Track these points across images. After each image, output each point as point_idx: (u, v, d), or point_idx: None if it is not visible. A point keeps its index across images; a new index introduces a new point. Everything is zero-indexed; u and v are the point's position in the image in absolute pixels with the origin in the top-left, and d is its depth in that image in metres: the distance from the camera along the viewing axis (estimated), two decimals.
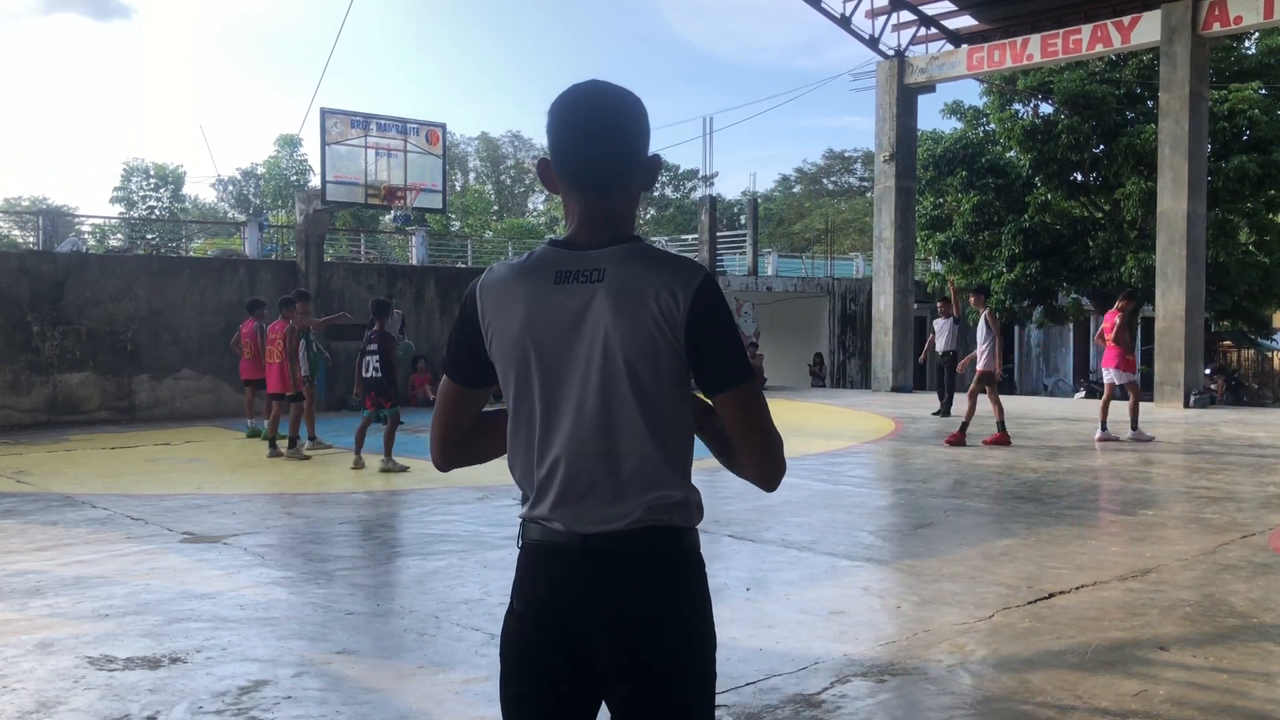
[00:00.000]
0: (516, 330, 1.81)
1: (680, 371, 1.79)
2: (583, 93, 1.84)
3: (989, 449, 11.58)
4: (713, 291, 1.78)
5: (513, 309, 1.81)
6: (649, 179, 1.89)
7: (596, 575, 1.78)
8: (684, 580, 1.82)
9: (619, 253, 1.79)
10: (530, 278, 1.82)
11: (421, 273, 19.56)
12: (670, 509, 1.80)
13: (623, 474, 1.78)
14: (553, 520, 1.81)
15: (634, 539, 1.78)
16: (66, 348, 14.89)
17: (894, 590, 5.67)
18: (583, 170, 1.83)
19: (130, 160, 48.99)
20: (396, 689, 4.10)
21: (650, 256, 1.80)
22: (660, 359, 1.76)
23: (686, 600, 1.82)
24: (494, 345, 1.84)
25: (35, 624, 4.94)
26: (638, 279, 1.76)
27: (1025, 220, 24.50)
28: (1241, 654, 4.44)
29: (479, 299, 1.86)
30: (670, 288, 1.75)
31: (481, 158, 59.41)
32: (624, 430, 1.78)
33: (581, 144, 1.82)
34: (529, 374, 1.81)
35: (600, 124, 1.82)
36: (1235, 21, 16.92)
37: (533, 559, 1.85)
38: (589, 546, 1.79)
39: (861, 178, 47.74)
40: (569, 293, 1.78)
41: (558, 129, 1.84)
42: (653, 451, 1.78)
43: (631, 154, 1.84)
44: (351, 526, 7.49)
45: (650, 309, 1.74)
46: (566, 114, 1.83)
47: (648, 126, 1.87)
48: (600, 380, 1.77)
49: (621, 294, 1.75)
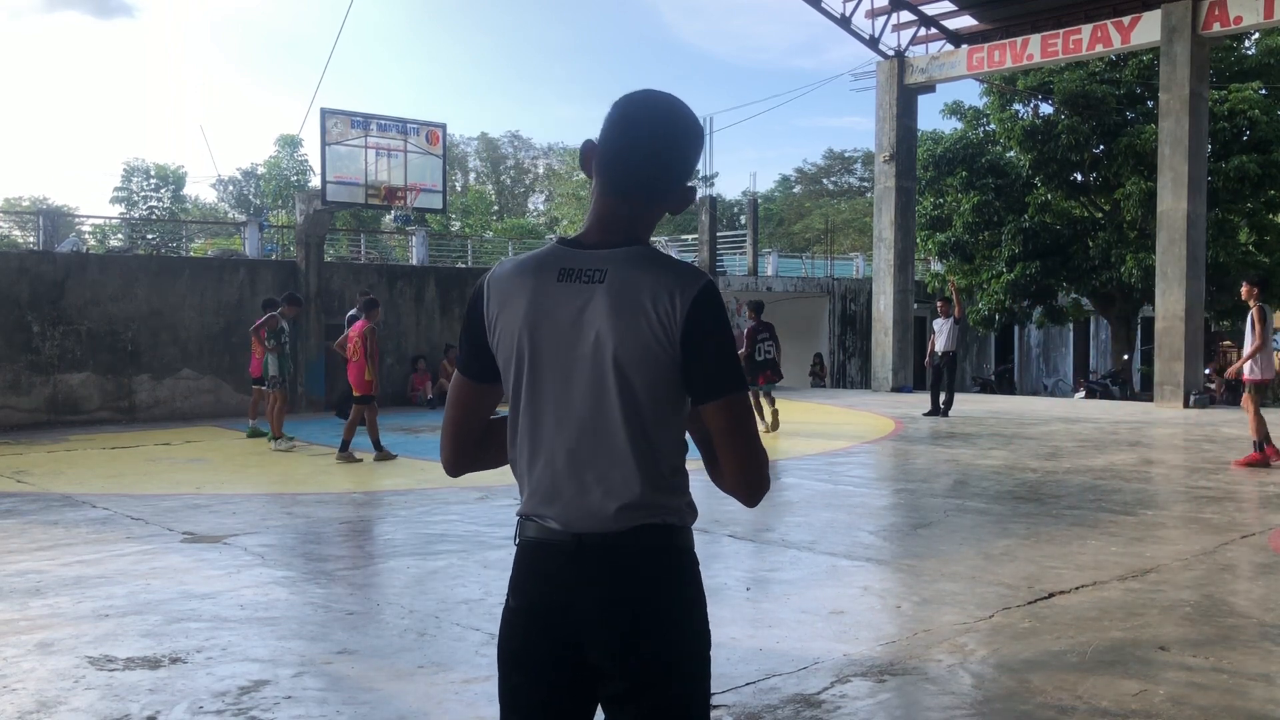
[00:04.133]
0: (518, 326, 1.82)
1: (673, 376, 1.79)
2: (650, 101, 1.86)
3: (989, 451, 11.57)
4: (712, 298, 1.78)
5: (516, 304, 1.82)
6: (679, 204, 1.90)
7: (590, 572, 1.80)
8: (676, 578, 1.83)
9: (623, 255, 1.80)
10: (535, 274, 1.83)
11: (421, 273, 19.55)
12: (662, 507, 1.81)
13: (614, 473, 1.79)
14: (547, 517, 1.83)
15: (626, 537, 1.79)
16: (66, 348, 14.89)
17: (894, 590, 5.67)
18: (620, 175, 1.84)
19: (131, 160, 49.04)
20: (396, 689, 4.10)
21: (653, 260, 1.80)
22: (654, 362, 1.76)
23: (679, 598, 1.83)
24: (497, 340, 1.86)
25: (35, 624, 4.94)
26: (637, 281, 1.77)
27: (1025, 220, 24.51)
28: (1241, 654, 4.44)
29: (486, 293, 1.87)
30: (670, 290, 1.75)
31: (481, 158, 59.43)
32: (615, 430, 1.79)
33: (629, 145, 1.83)
34: (526, 370, 1.83)
35: (655, 133, 1.84)
36: (1235, 21, 16.91)
37: (528, 555, 1.87)
38: (582, 544, 1.80)
39: (861, 178, 47.76)
40: (570, 291, 1.79)
41: (614, 123, 1.85)
42: (644, 452, 1.79)
43: (671, 175, 1.86)
44: (352, 526, 7.49)
45: (647, 311, 1.75)
46: (627, 115, 1.85)
47: (698, 154, 1.89)
48: (593, 380, 1.78)
49: (620, 296, 1.76)
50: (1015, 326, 30.42)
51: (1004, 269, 24.72)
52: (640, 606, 1.79)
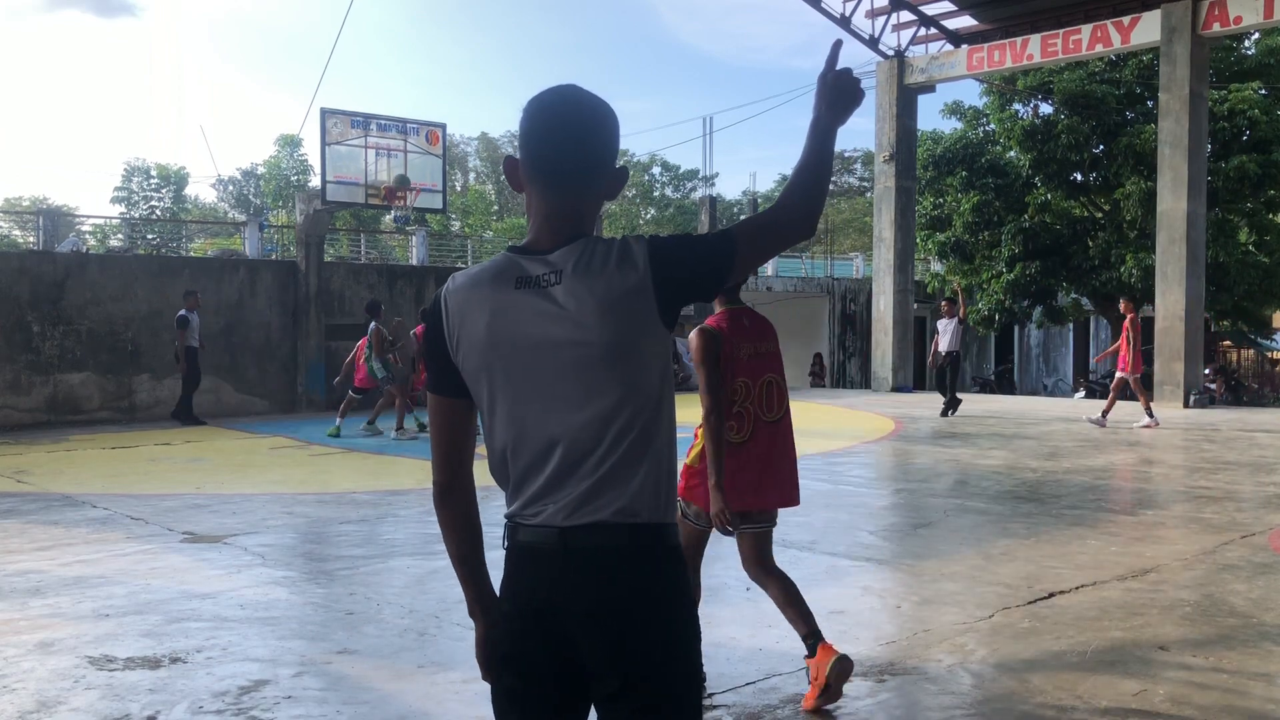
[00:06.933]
0: (482, 338, 1.82)
1: (655, 352, 1.81)
2: (558, 96, 1.88)
3: (989, 451, 11.56)
4: (661, 238, 1.83)
5: (476, 318, 1.83)
6: (613, 188, 1.91)
7: (576, 572, 1.79)
8: (665, 576, 1.83)
9: (571, 249, 1.82)
10: (492, 285, 1.83)
11: (421, 273, 19.55)
12: (647, 503, 1.81)
13: (597, 470, 1.79)
14: (534, 520, 1.83)
15: (610, 534, 1.79)
16: (67, 348, 14.89)
17: (894, 590, 5.67)
18: (551, 170, 1.86)
19: (132, 160, 48.96)
20: (396, 689, 4.10)
21: (601, 240, 1.84)
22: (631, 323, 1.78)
23: (666, 596, 1.82)
24: (461, 354, 1.85)
25: (35, 624, 4.94)
26: (589, 262, 1.79)
27: (1025, 220, 24.49)
28: (1241, 654, 4.44)
29: (445, 308, 1.87)
30: (623, 245, 1.81)
31: (481, 158, 59.39)
32: (598, 430, 1.78)
33: (552, 145, 1.85)
34: (500, 381, 1.83)
35: (572, 127, 1.85)
36: (1235, 21, 16.91)
37: (518, 558, 1.87)
38: (567, 544, 1.80)
39: (861, 178, 47.70)
40: (529, 297, 1.80)
41: (530, 128, 1.87)
42: (629, 451, 1.79)
43: (599, 159, 1.87)
44: (351, 526, 7.48)
45: (609, 275, 1.77)
46: (540, 114, 1.87)
47: (618, 136, 1.91)
48: (571, 379, 1.79)
49: (578, 286, 1.78)
50: (1015, 326, 30.41)
51: (1004, 269, 24.71)
52: (628, 606, 1.78)
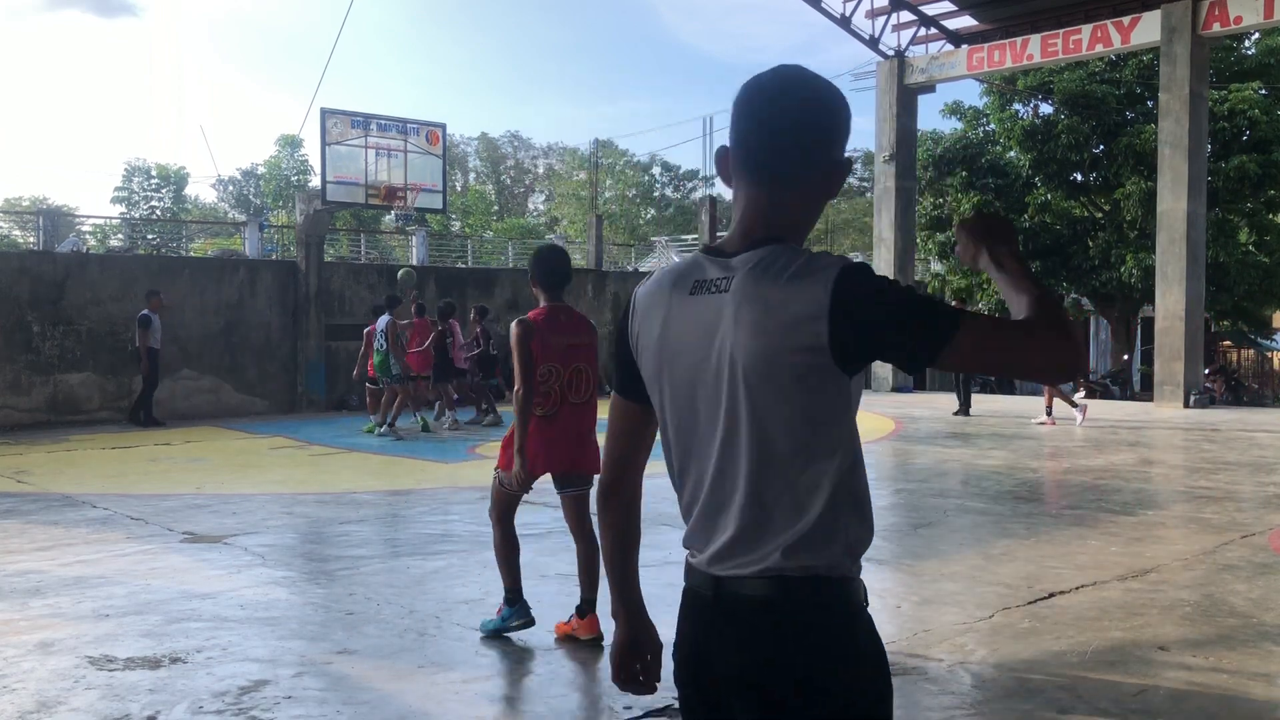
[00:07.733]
0: (655, 344, 1.67)
1: (822, 386, 1.53)
2: (774, 76, 1.65)
3: (989, 451, 11.57)
4: (859, 273, 1.51)
5: (654, 320, 1.68)
6: (830, 183, 1.65)
7: (729, 627, 1.59)
8: (830, 637, 1.56)
9: (755, 256, 1.58)
10: (672, 288, 1.66)
11: (422, 273, 19.52)
12: (813, 553, 1.55)
13: (755, 511, 1.57)
14: (693, 553, 1.67)
15: (770, 587, 1.55)
16: (67, 348, 14.89)
17: (894, 590, 5.67)
18: (750, 157, 1.64)
19: (132, 160, 48.95)
20: (396, 689, 4.10)
21: (787, 255, 1.56)
22: (790, 375, 1.52)
23: (832, 662, 1.55)
24: (641, 359, 1.71)
25: (35, 624, 4.94)
26: (762, 282, 1.54)
27: (1025, 220, 24.50)
28: (1241, 654, 4.44)
29: (632, 308, 1.74)
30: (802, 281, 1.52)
31: (481, 158, 59.39)
32: (746, 464, 1.57)
33: (756, 127, 1.63)
34: (667, 394, 1.67)
35: (780, 109, 1.62)
36: (1235, 21, 16.92)
37: (685, 592, 1.71)
38: (720, 592, 1.60)
39: (861, 178, 47.72)
40: (701, 304, 1.61)
41: (737, 113, 1.65)
42: (780, 490, 1.56)
43: (807, 147, 1.62)
44: (352, 526, 7.48)
45: (778, 316, 1.52)
46: (748, 98, 1.64)
47: (841, 124, 1.65)
48: (728, 401, 1.58)
49: (744, 303, 1.55)
50: None
51: None
52: (787, 671, 1.54)
